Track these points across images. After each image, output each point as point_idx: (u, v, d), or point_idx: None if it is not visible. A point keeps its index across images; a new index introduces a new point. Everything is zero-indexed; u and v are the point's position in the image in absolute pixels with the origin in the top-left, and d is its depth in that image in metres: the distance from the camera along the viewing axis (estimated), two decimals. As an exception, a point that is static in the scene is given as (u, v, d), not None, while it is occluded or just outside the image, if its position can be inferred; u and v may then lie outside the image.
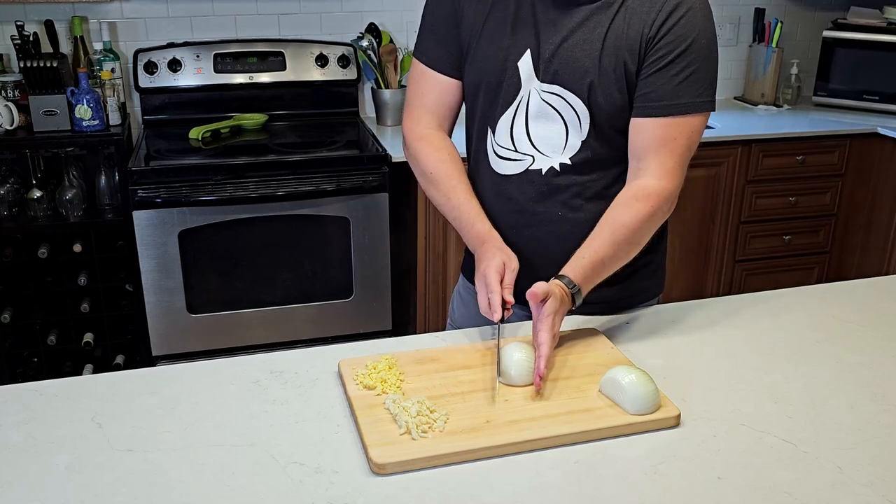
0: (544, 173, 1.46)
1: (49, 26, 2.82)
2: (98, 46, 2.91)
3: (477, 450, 1.08)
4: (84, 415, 1.17)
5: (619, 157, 1.45)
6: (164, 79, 3.01)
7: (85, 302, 2.79)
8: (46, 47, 2.84)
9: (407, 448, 1.08)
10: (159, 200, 2.60)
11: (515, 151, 1.47)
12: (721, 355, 1.38)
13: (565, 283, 1.31)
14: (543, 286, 1.27)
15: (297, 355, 1.35)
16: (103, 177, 2.82)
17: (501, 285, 1.31)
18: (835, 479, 1.05)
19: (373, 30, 3.19)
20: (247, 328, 2.83)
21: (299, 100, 3.18)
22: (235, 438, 1.12)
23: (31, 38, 2.74)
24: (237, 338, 2.82)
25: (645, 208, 1.38)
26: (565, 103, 1.41)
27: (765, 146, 3.17)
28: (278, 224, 2.75)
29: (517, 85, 1.43)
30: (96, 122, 2.71)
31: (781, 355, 1.38)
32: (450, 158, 1.51)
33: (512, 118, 1.46)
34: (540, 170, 1.46)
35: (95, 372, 2.47)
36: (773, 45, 3.54)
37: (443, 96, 1.53)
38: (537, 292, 1.26)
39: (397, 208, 2.89)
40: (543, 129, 1.44)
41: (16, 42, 2.77)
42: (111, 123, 2.78)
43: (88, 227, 2.74)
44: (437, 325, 3.00)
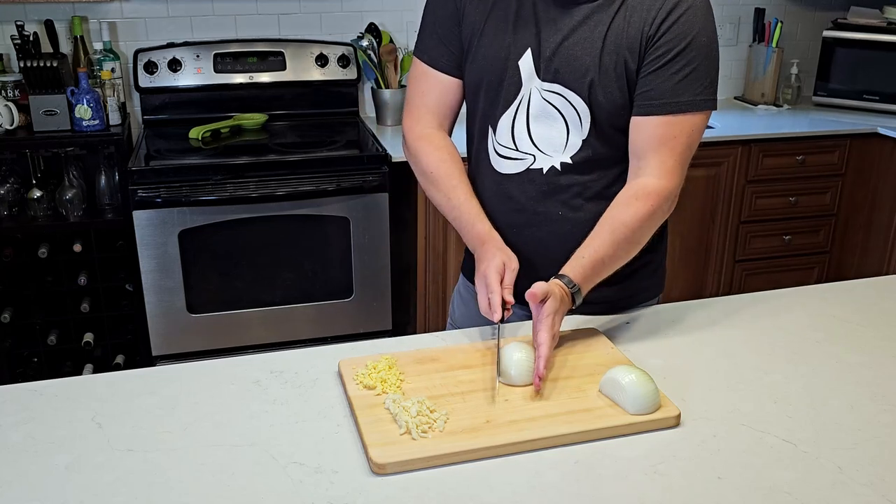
0: (545, 172, 1.46)
1: (49, 26, 2.82)
2: (98, 46, 2.91)
3: (477, 450, 1.08)
4: (84, 415, 1.17)
5: (620, 157, 1.45)
6: (164, 79, 3.01)
7: (85, 302, 2.79)
8: (46, 47, 2.84)
9: (407, 448, 1.08)
10: (159, 200, 2.60)
11: (516, 150, 1.47)
12: (721, 355, 1.38)
13: (565, 283, 1.31)
14: (543, 286, 1.27)
15: (297, 355, 1.35)
16: (103, 177, 2.82)
17: (501, 285, 1.31)
18: (835, 479, 1.05)
19: (373, 30, 3.19)
20: (247, 328, 2.83)
21: (299, 100, 3.18)
22: (235, 438, 1.12)
23: (31, 38, 2.74)
24: (237, 338, 2.82)
25: (645, 207, 1.37)
26: (566, 102, 1.41)
27: (765, 146, 3.17)
28: (278, 224, 2.75)
29: (518, 84, 1.43)
30: (96, 121, 2.71)
31: (781, 355, 1.38)
32: (450, 158, 1.51)
33: (513, 117, 1.46)
34: (541, 169, 1.46)
35: (95, 372, 2.46)
36: (773, 44, 3.53)
37: (443, 95, 1.53)
38: (536, 293, 1.26)
39: (397, 208, 2.89)
40: (544, 129, 1.44)
41: (16, 42, 2.77)
42: (111, 123, 2.78)
43: (88, 227, 2.74)
44: (437, 325, 3.00)
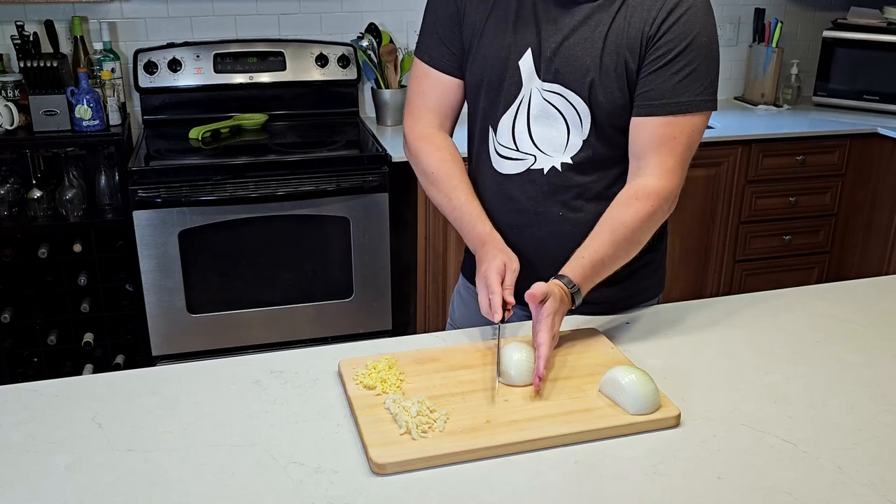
0: (546, 173, 1.46)
1: (49, 26, 2.82)
2: (98, 46, 2.91)
3: (477, 450, 1.08)
4: (84, 415, 1.17)
5: (620, 157, 1.45)
6: (164, 79, 3.01)
7: (85, 302, 2.79)
8: (46, 47, 2.84)
9: (407, 448, 1.08)
10: (159, 200, 2.60)
11: (517, 151, 1.47)
12: (721, 355, 1.38)
13: (565, 283, 1.31)
14: (542, 287, 1.27)
15: (297, 355, 1.35)
16: (103, 177, 2.82)
17: (502, 286, 1.31)
18: (835, 479, 1.05)
19: (373, 30, 3.19)
20: (247, 328, 2.83)
21: (299, 100, 3.18)
22: (235, 438, 1.12)
23: (31, 38, 2.74)
24: (237, 338, 2.82)
25: (645, 207, 1.37)
26: (566, 102, 1.41)
27: (765, 146, 3.17)
28: (278, 224, 2.75)
29: (518, 84, 1.43)
30: (96, 122, 2.71)
31: (781, 355, 1.38)
32: (451, 158, 1.51)
33: (513, 117, 1.45)
34: (542, 169, 1.46)
35: (95, 372, 2.46)
36: (773, 45, 3.53)
37: (444, 96, 1.53)
38: (536, 293, 1.26)
39: (397, 208, 2.89)
40: (545, 129, 1.44)
41: (16, 42, 2.77)
42: (111, 123, 2.78)
43: (88, 227, 2.74)
44: (437, 325, 3.00)
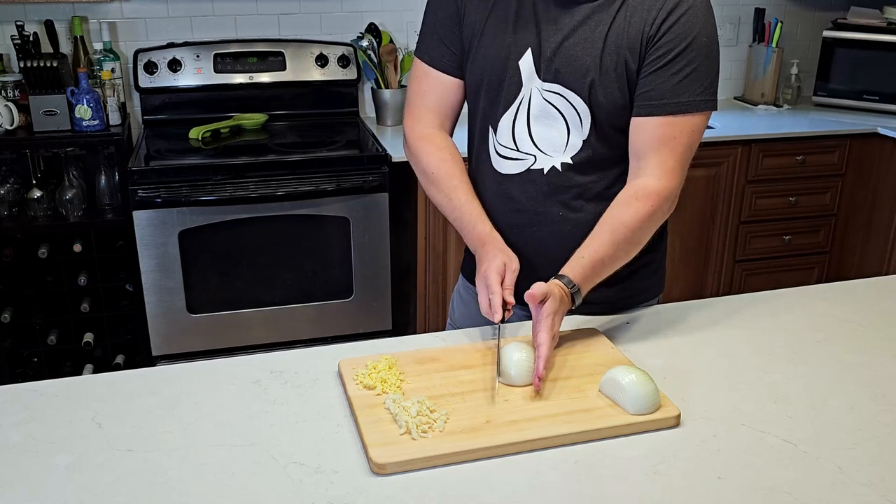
0: (546, 173, 1.46)
1: (49, 26, 2.82)
2: (98, 46, 2.91)
3: (477, 450, 1.08)
4: (84, 415, 1.17)
5: (620, 157, 1.45)
6: (164, 79, 3.01)
7: (85, 302, 2.79)
8: (46, 47, 2.84)
9: (407, 448, 1.08)
10: (159, 200, 2.60)
11: (517, 151, 1.47)
12: (721, 355, 1.38)
13: (565, 283, 1.31)
14: (542, 287, 1.27)
15: (297, 355, 1.35)
16: (103, 177, 2.82)
17: (502, 286, 1.31)
18: (835, 479, 1.05)
19: (373, 30, 3.19)
20: (247, 328, 2.83)
21: (299, 100, 3.18)
22: (235, 438, 1.12)
23: (31, 38, 2.74)
24: (237, 338, 2.82)
25: (645, 207, 1.37)
26: (566, 102, 1.41)
27: (765, 146, 3.17)
28: (278, 224, 2.75)
29: (518, 84, 1.43)
30: (96, 122, 2.71)
31: (781, 355, 1.38)
32: (451, 158, 1.51)
33: (513, 117, 1.45)
34: (542, 169, 1.46)
35: (95, 372, 2.46)
36: (773, 45, 3.53)
37: (444, 96, 1.53)
38: (536, 293, 1.26)
39: (397, 208, 2.89)
40: (545, 129, 1.44)
41: (16, 42, 2.77)
42: (111, 123, 2.78)
43: (88, 227, 2.74)
44: (437, 325, 3.00)
